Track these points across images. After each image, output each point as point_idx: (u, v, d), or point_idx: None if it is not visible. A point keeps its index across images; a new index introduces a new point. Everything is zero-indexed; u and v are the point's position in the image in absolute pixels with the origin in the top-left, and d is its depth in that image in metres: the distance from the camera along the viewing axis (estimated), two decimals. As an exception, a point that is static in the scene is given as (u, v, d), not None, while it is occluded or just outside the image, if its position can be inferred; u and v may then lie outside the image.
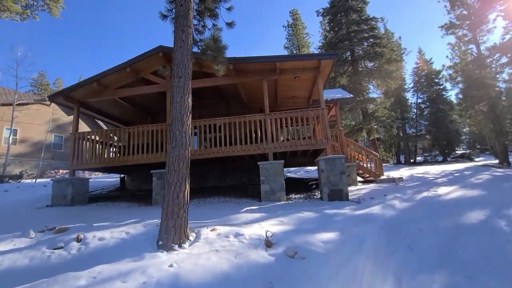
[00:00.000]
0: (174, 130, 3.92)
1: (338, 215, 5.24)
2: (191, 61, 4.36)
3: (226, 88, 10.36)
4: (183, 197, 3.74)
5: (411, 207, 5.80)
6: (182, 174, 3.81)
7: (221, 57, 5.10)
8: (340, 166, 7.13)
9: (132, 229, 4.10)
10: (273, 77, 8.25)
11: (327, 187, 7.07)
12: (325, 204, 6.47)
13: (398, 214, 5.24)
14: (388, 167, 20.37)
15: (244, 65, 8.00)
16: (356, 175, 10.10)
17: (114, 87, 8.81)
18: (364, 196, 7.36)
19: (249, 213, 5.39)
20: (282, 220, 4.81)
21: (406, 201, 6.50)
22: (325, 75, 8.39)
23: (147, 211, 6.63)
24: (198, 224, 4.39)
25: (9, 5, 14.66)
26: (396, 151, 25.86)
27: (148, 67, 8.76)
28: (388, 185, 9.69)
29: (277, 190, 7.26)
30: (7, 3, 14.47)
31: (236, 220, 4.85)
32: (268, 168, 7.43)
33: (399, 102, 23.29)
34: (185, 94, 4.08)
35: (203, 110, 11.55)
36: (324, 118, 7.66)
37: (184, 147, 3.89)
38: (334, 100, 10.80)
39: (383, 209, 5.55)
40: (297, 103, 11.17)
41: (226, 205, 6.89)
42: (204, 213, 5.70)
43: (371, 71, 14.38)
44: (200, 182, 10.64)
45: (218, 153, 7.85)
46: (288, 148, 7.69)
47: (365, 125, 13.85)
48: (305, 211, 5.44)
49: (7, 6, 14.59)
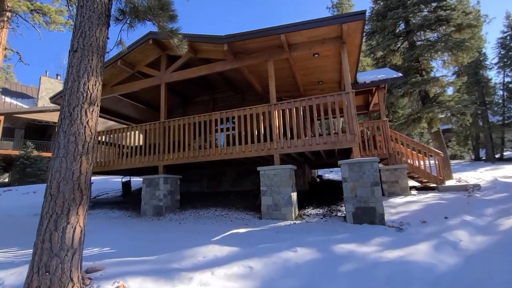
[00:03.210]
0: (59, 132, 2.56)
1: (354, 258, 3.24)
2: (104, 28, 2.93)
3: (236, 78, 8.80)
4: (65, 240, 2.36)
5: (491, 247, 3.40)
6: (66, 201, 2.43)
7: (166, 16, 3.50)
8: (372, 173, 4.93)
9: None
10: (282, 55, 6.35)
11: (351, 203, 4.96)
12: (345, 230, 4.43)
13: (464, 265, 2.97)
14: (461, 166, 16.19)
15: (242, 44, 6.31)
16: (407, 181, 7.49)
17: (111, 84, 8.09)
18: (411, 218, 5.00)
19: (218, 245, 3.78)
20: (253, 266, 3.07)
21: (482, 232, 4.02)
22: (353, 47, 6.12)
23: (125, 227, 5.56)
24: (115, 270, 2.97)
25: (54, 17, 15.71)
26: (474, 145, 20.70)
27: (143, 59, 7.78)
28: (455, 195, 6.89)
29: (282, 204, 5.44)
30: (52, 15, 15.52)
31: (186, 261, 3.30)
32: (270, 175, 5.65)
33: (477, 83, 18.34)
34: (81, 76, 2.67)
35: (217, 104, 10.25)
36: (350, 106, 5.48)
37: (71, 158, 2.50)
38: (375, 83, 8.24)
39: (436, 251, 3.31)
40: (326, 89, 8.94)
41: (211, 224, 5.37)
42: (165, 240, 4.29)
43: (434, 43, 11.00)
44: (214, 187, 9.40)
45: (208, 156, 6.38)
46: (300, 148, 5.76)
47: (424, 113, 10.68)
48: (302, 247, 3.57)
49: (53, 19, 15.68)
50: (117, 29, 4.61)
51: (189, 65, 7.41)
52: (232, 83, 9.44)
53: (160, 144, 6.96)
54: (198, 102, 10.63)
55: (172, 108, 10.94)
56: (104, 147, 7.64)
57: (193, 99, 10.73)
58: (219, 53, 6.81)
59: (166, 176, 6.64)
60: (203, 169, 9.32)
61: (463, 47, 10.58)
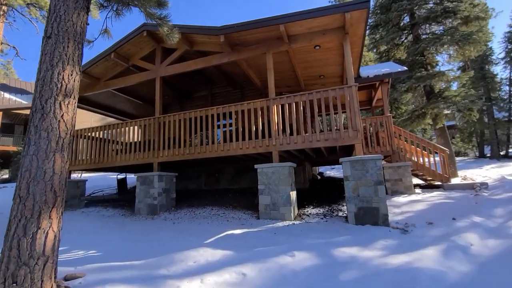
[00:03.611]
0: (30, 127, 2.31)
1: (356, 264, 2.99)
2: (83, 13, 2.65)
3: (235, 72, 8.51)
4: (35, 247, 2.12)
5: (506, 253, 3.13)
6: (37, 203, 2.19)
7: (154, 1, 3.21)
8: (375, 172, 4.65)
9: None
10: (282, 47, 6.05)
11: (353, 203, 4.70)
12: (347, 232, 4.18)
13: (478, 274, 2.71)
14: (466, 163, 15.88)
15: (239, 36, 6.01)
16: (411, 179, 7.21)
17: (106, 78, 7.83)
18: (417, 219, 4.73)
19: (211, 248, 3.54)
20: (246, 273, 2.83)
21: (494, 235, 3.76)
22: (356, 37, 5.81)
23: (117, 227, 5.34)
24: (97, 277, 2.73)
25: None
26: (479, 142, 20.32)
27: (137, 52, 7.50)
28: (462, 194, 6.62)
29: (280, 204, 5.18)
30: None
31: (175, 266, 3.06)
32: (268, 173, 5.40)
33: (483, 78, 17.90)
34: (55, 65, 2.41)
35: (216, 99, 9.97)
36: (353, 101, 5.20)
37: (43, 156, 2.26)
38: (379, 77, 7.92)
39: (445, 257, 3.06)
40: (327, 84, 8.62)
41: (206, 224, 5.14)
42: (156, 242, 4.06)
43: (440, 36, 10.61)
44: (212, 184, 9.18)
45: (204, 153, 6.13)
46: (300, 145, 5.49)
47: (429, 109, 10.34)
48: (300, 251, 3.33)
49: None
50: (103, 16, 4.38)
51: (185, 59, 7.13)
52: (231, 77, 9.15)
53: (155, 141, 6.72)
54: (196, 98, 10.35)
55: (170, 103, 10.69)
56: (97, 143, 7.40)
57: (191, 95, 10.46)
58: (215, 45, 6.52)
59: (160, 174, 6.40)
60: (200, 166, 9.08)
61: (470, 40, 10.19)
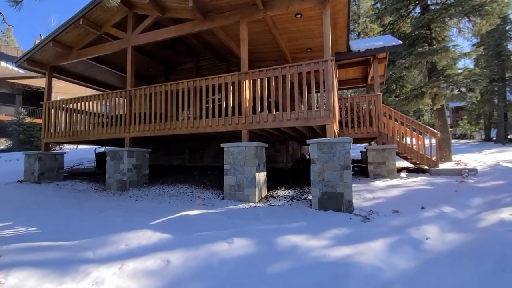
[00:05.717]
0: None
1: (293, 255, 2.80)
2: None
3: (217, 43, 7.96)
4: None
5: (459, 250, 2.87)
6: None
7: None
8: (343, 155, 4.33)
9: None
10: (257, 15, 5.48)
11: (318, 188, 4.44)
12: (304, 218, 3.97)
13: (418, 272, 2.48)
14: (468, 146, 15.29)
15: (210, 0, 5.44)
16: (394, 163, 6.86)
17: (78, 47, 7.42)
18: (385, 206, 4.47)
19: (151, 231, 3.39)
20: (171, 260, 2.67)
21: (458, 228, 3.49)
22: (341, 5, 5.18)
23: (78, 203, 5.28)
24: (11, 258, 2.61)
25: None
26: (486, 124, 19.46)
27: (109, 19, 7.00)
28: (446, 180, 6.30)
29: (245, 185, 4.97)
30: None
31: (104, 248, 2.93)
32: (234, 153, 5.13)
33: (497, 56, 16.62)
34: None
35: (201, 72, 9.51)
36: (327, 77, 4.73)
37: None
38: (371, 51, 7.26)
39: (390, 252, 2.82)
40: (316, 58, 7.97)
41: (167, 203, 5.01)
42: (102, 221, 3.95)
43: (447, 7, 9.58)
44: (195, 161, 9.04)
45: (174, 130, 5.86)
46: (270, 124, 5.15)
47: (428, 88, 9.62)
48: (243, 237, 3.15)
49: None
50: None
51: (161, 27, 6.62)
52: (215, 49, 8.60)
53: (126, 115, 6.46)
54: (181, 70, 9.90)
55: (155, 76, 10.29)
56: (71, 116, 7.20)
57: (176, 67, 9.99)
58: (188, 12, 5.98)
59: (130, 149, 6.22)
60: (183, 142, 8.89)
61: (482, 12, 9.20)
